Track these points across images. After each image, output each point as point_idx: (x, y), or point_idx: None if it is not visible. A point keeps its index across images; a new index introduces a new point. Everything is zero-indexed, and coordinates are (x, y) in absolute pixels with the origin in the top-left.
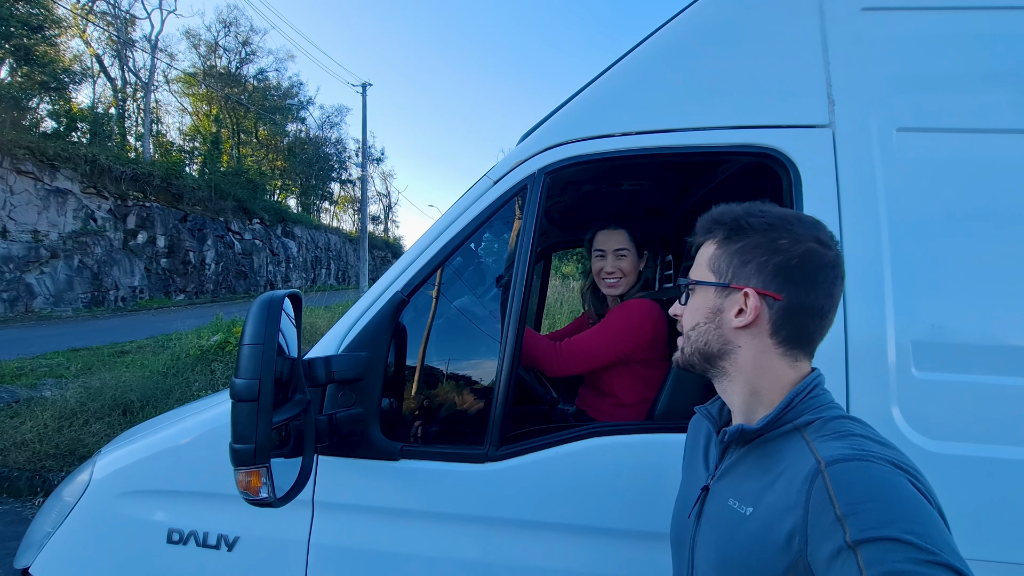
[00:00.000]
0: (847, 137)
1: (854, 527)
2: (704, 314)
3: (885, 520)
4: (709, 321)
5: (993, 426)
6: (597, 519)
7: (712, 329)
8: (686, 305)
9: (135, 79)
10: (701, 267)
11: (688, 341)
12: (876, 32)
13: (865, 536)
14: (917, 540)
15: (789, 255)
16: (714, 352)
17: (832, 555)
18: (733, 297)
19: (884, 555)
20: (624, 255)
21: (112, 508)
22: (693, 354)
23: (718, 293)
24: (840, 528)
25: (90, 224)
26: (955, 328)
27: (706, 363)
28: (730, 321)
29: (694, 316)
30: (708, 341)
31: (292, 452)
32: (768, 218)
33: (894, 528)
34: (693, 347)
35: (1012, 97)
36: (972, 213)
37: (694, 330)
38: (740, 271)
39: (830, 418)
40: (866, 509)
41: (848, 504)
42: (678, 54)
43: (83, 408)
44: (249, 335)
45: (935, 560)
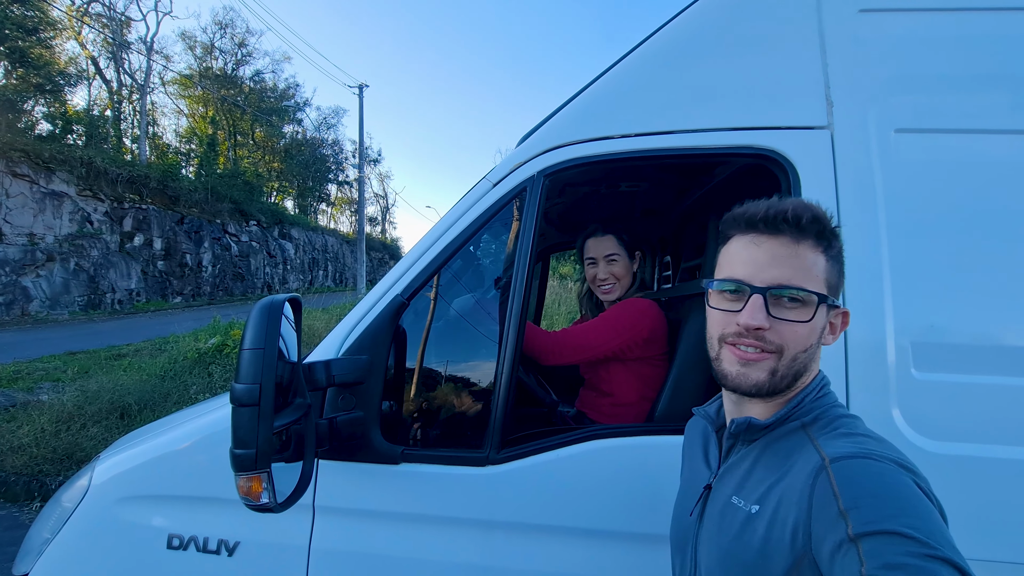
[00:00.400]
0: (845, 138)
1: (856, 521)
2: (819, 334)
3: (886, 515)
4: (819, 341)
5: (992, 426)
6: (599, 522)
7: (817, 349)
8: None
9: (131, 81)
10: (819, 280)
11: (793, 363)
12: (874, 33)
13: (866, 529)
14: (917, 534)
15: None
16: (805, 371)
17: (835, 548)
18: (832, 313)
19: (884, 548)
20: (615, 260)
21: (111, 513)
22: (788, 375)
23: (828, 311)
24: (843, 522)
25: (86, 227)
26: (954, 329)
27: (793, 381)
28: (824, 338)
29: (811, 336)
30: (810, 362)
31: (293, 456)
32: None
33: (895, 522)
34: (794, 369)
35: (1009, 98)
36: (970, 213)
37: (806, 352)
38: (839, 288)
39: (834, 417)
40: (868, 504)
41: (851, 499)
42: (677, 56)
43: (80, 412)
44: (249, 340)
45: (934, 554)
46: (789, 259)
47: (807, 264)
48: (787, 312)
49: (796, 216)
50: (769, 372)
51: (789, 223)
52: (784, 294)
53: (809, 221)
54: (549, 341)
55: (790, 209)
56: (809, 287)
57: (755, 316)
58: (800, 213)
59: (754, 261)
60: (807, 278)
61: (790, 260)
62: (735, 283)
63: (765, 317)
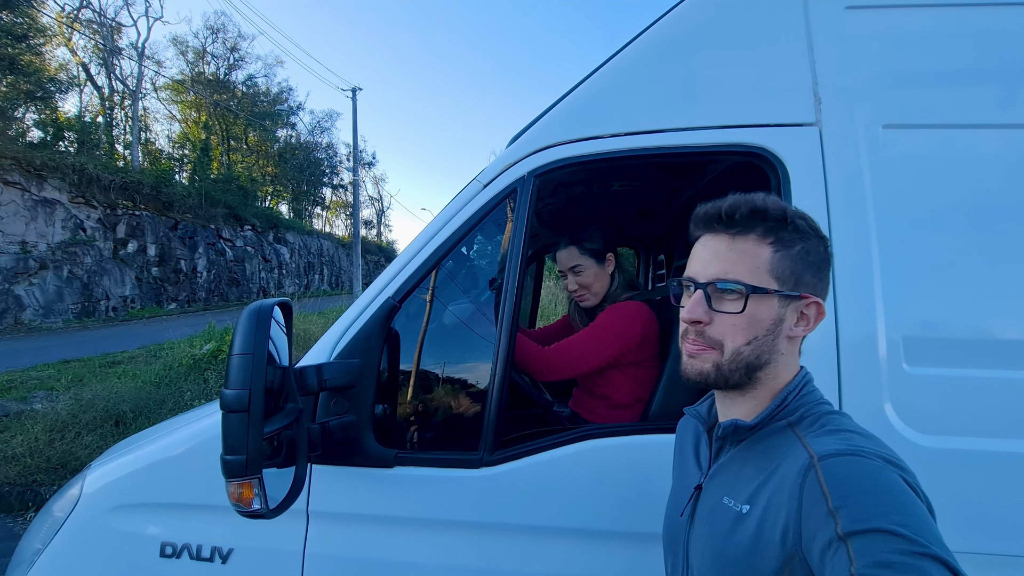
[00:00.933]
0: (834, 135)
1: (845, 519)
2: (766, 327)
3: (875, 512)
4: (769, 333)
5: (983, 420)
6: (594, 522)
7: (769, 340)
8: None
9: (122, 87)
10: (759, 271)
11: (737, 357)
12: (860, 30)
13: (856, 528)
14: (907, 532)
15: (825, 260)
16: (760, 364)
17: (824, 547)
18: (795, 305)
19: (874, 546)
20: (580, 270)
21: (103, 522)
22: (738, 369)
23: (782, 302)
24: (832, 520)
25: (79, 234)
26: (944, 323)
27: (747, 376)
28: (787, 330)
29: (752, 328)
30: (762, 354)
31: (284, 462)
32: (807, 220)
33: (884, 520)
34: (742, 361)
35: (996, 93)
36: (959, 208)
37: (749, 344)
38: (802, 278)
39: (821, 414)
40: (857, 502)
41: (840, 497)
42: (665, 54)
43: (75, 420)
44: (238, 345)
45: (924, 552)
46: (726, 253)
47: (744, 257)
48: (725, 305)
49: (729, 212)
50: (713, 365)
51: (723, 220)
52: (722, 287)
53: (743, 216)
54: (543, 358)
55: (726, 206)
56: (742, 279)
57: (693, 311)
58: (734, 209)
59: (700, 259)
60: (741, 271)
61: (727, 254)
62: (685, 280)
63: (704, 311)
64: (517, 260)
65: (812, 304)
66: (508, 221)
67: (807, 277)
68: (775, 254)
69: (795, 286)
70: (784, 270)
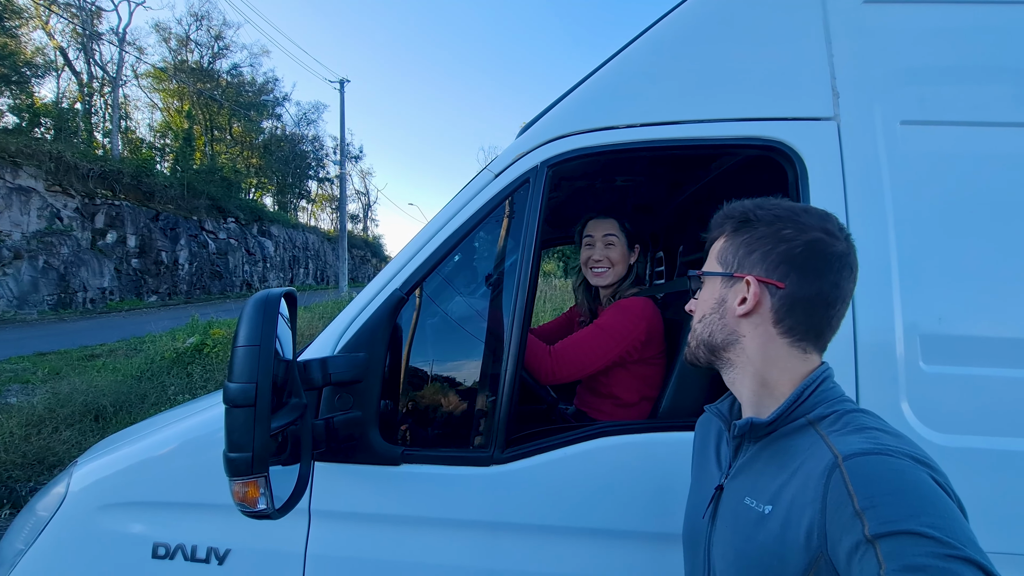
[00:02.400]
0: (852, 130)
1: (873, 521)
2: (710, 305)
3: (905, 514)
4: (714, 312)
5: (1001, 419)
6: (607, 521)
7: (716, 320)
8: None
9: (102, 73)
10: (710, 260)
11: (694, 334)
12: (878, 24)
13: (884, 530)
14: (938, 534)
15: (793, 244)
16: (718, 343)
17: (851, 549)
18: (737, 286)
19: (904, 549)
20: (612, 243)
21: (91, 522)
22: (699, 347)
23: (724, 283)
24: (859, 522)
25: (55, 223)
26: (961, 321)
27: (711, 355)
28: (733, 310)
29: (701, 309)
30: (712, 332)
31: (289, 459)
32: (776, 210)
33: (914, 522)
34: (699, 339)
35: (1015, 90)
36: (976, 206)
37: (700, 322)
38: (745, 260)
39: (844, 412)
40: (885, 503)
41: (867, 498)
42: (683, 45)
43: (52, 415)
44: (244, 336)
45: (957, 555)
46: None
47: (711, 254)
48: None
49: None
50: (688, 346)
51: (713, 226)
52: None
53: (717, 222)
54: (548, 361)
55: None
56: (704, 270)
57: (691, 302)
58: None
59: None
60: (706, 264)
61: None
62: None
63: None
64: (530, 252)
65: (747, 283)
66: (519, 212)
67: (752, 259)
68: (724, 243)
69: (735, 268)
70: (727, 255)
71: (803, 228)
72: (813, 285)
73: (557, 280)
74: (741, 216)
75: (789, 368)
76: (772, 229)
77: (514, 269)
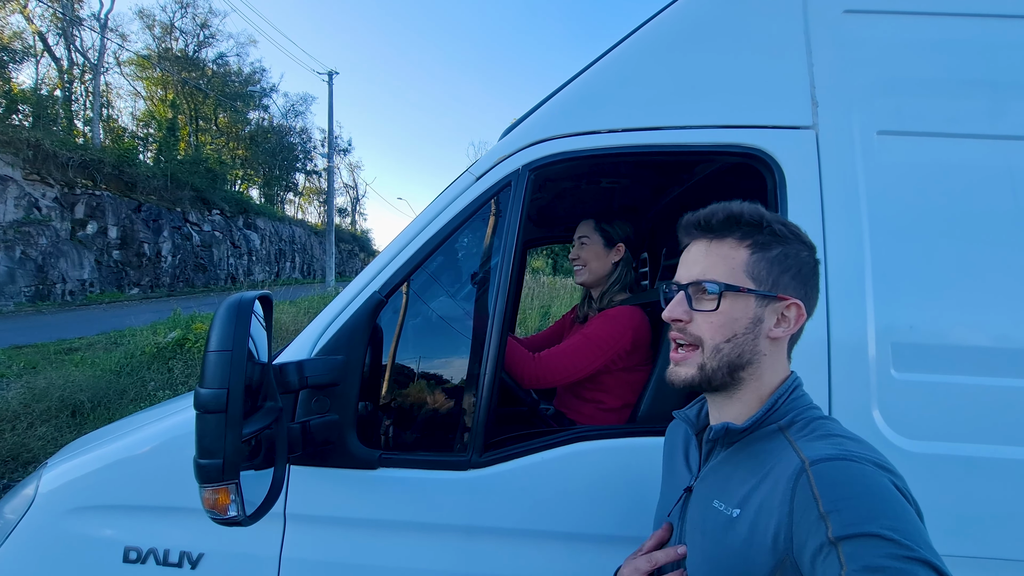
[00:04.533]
0: (830, 139)
1: (836, 523)
2: (744, 325)
3: (866, 517)
4: (748, 332)
5: (970, 425)
6: (584, 525)
7: (750, 340)
8: (702, 311)
9: (83, 60)
10: (735, 272)
11: (717, 354)
12: (858, 35)
13: (847, 532)
14: (896, 536)
15: (808, 265)
16: (743, 363)
17: (815, 551)
18: (773, 306)
19: (865, 550)
20: (584, 242)
21: (61, 525)
22: (720, 368)
23: (759, 302)
24: (823, 525)
25: (33, 213)
26: (933, 329)
27: (729, 376)
28: (767, 331)
29: (730, 327)
30: (743, 352)
31: (262, 464)
32: (788, 226)
33: (875, 524)
34: (723, 360)
35: (990, 103)
36: (951, 217)
37: (729, 342)
38: (780, 280)
39: (811, 419)
40: (848, 506)
41: (831, 501)
42: (666, 50)
43: (27, 410)
44: (216, 340)
45: (914, 556)
46: (704, 257)
47: (720, 259)
48: (701, 304)
49: (707, 219)
50: (697, 367)
51: (701, 226)
52: (701, 287)
53: (719, 221)
54: (532, 367)
55: (703, 214)
56: (717, 279)
57: (673, 309)
58: (711, 216)
59: (683, 264)
60: (718, 272)
61: (705, 258)
62: (671, 285)
63: (684, 311)
64: (510, 256)
65: (791, 305)
66: (501, 215)
67: (786, 279)
68: (751, 256)
69: (772, 287)
70: (760, 271)
71: (808, 248)
72: (813, 302)
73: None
74: (763, 226)
75: (779, 380)
76: (793, 248)
77: (495, 273)
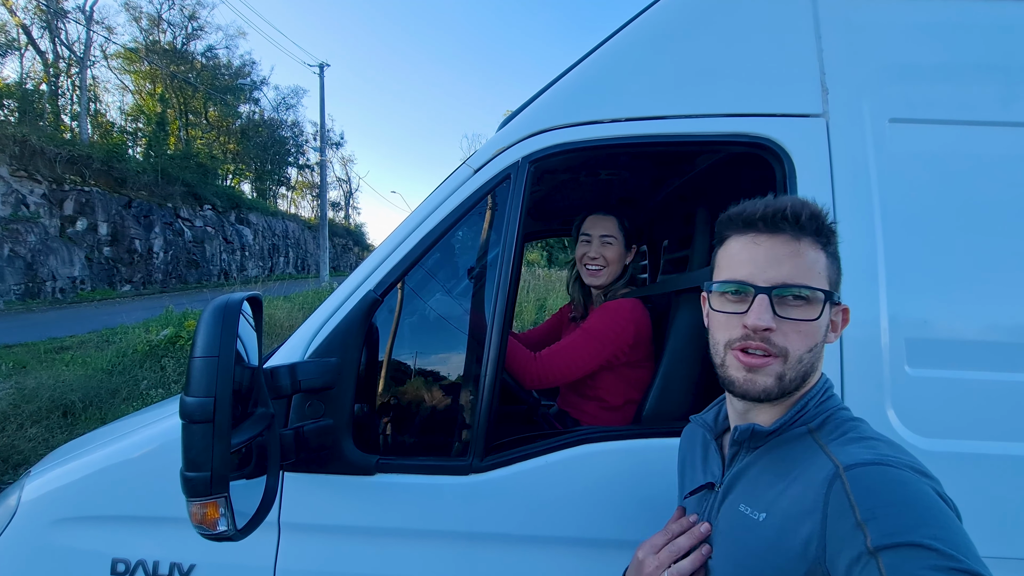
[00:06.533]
0: (841, 127)
1: (875, 532)
2: (823, 332)
3: (908, 526)
4: (823, 339)
5: (984, 422)
6: (589, 530)
7: (820, 348)
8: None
9: (69, 54)
10: (822, 277)
11: (799, 365)
12: (868, 20)
13: (887, 542)
14: (941, 546)
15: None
16: (812, 371)
17: (852, 561)
18: (833, 311)
19: (907, 561)
20: (610, 243)
21: (44, 537)
22: (797, 378)
23: (831, 308)
24: (861, 533)
25: (21, 210)
26: (947, 324)
27: (801, 385)
28: (829, 337)
29: (816, 335)
30: (816, 361)
31: (254, 472)
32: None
33: (917, 534)
34: (803, 370)
35: (1002, 90)
36: (964, 207)
37: (810, 352)
38: (836, 282)
39: (842, 421)
40: (888, 514)
41: (869, 509)
42: (670, 37)
43: (17, 411)
44: (201, 347)
45: (959, 567)
46: (791, 257)
47: (809, 262)
48: (793, 311)
49: (795, 213)
50: (776, 377)
51: (788, 221)
52: (789, 293)
53: (808, 218)
54: (534, 367)
55: (788, 206)
56: (814, 284)
57: (762, 316)
58: (799, 210)
59: (755, 261)
60: (810, 276)
61: (792, 258)
62: (737, 284)
63: (772, 318)
64: (511, 251)
65: (841, 311)
66: (500, 209)
67: (839, 284)
68: (827, 259)
69: (837, 290)
70: (832, 275)
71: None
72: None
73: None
74: (827, 225)
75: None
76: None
77: (494, 269)
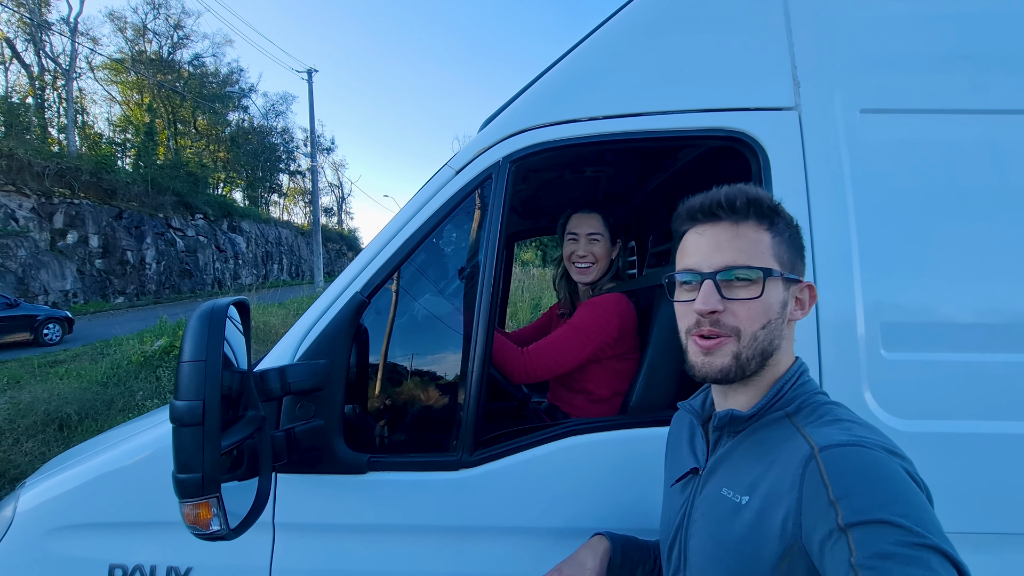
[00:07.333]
0: (813, 119)
1: (846, 510)
2: (776, 310)
3: (877, 503)
4: (779, 317)
5: (961, 402)
6: (578, 520)
7: (780, 325)
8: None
9: (54, 66)
10: (765, 256)
11: (753, 342)
12: (838, 12)
13: (857, 519)
14: (907, 523)
15: (803, 246)
16: (772, 349)
17: (825, 538)
18: (793, 289)
19: (875, 537)
20: (597, 240)
21: (41, 547)
22: (755, 356)
23: (786, 286)
24: (833, 511)
25: (10, 225)
26: (921, 307)
27: (761, 363)
28: (791, 315)
29: (766, 313)
30: (774, 339)
31: (246, 474)
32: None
33: (885, 511)
34: (758, 347)
35: (973, 78)
36: (936, 193)
37: (764, 329)
38: (796, 263)
39: (819, 404)
40: (859, 492)
41: (841, 488)
42: (644, 35)
43: (12, 426)
44: (189, 351)
45: (925, 543)
46: (731, 241)
47: (749, 243)
48: (738, 291)
49: (730, 201)
50: (732, 356)
51: (724, 208)
52: (732, 276)
53: (743, 203)
54: (521, 362)
55: (723, 195)
56: (753, 264)
57: (707, 300)
58: (733, 198)
59: (700, 250)
60: (751, 256)
61: (732, 242)
62: (687, 273)
63: (718, 300)
64: (493, 249)
65: (806, 288)
66: (482, 209)
67: (797, 262)
68: (773, 239)
69: (792, 270)
70: (783, 254)
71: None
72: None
73: (535, 269)
74: (775, 209)
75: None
76: (795, 230)
77: (479, 268)
